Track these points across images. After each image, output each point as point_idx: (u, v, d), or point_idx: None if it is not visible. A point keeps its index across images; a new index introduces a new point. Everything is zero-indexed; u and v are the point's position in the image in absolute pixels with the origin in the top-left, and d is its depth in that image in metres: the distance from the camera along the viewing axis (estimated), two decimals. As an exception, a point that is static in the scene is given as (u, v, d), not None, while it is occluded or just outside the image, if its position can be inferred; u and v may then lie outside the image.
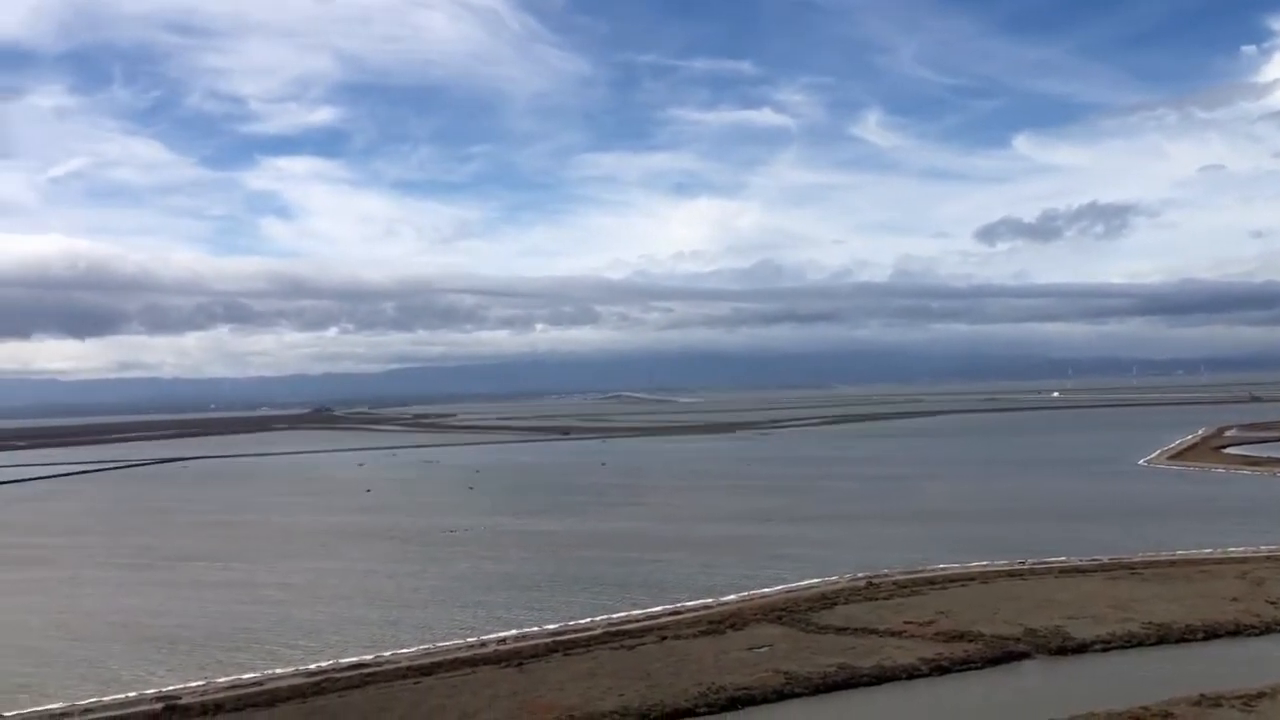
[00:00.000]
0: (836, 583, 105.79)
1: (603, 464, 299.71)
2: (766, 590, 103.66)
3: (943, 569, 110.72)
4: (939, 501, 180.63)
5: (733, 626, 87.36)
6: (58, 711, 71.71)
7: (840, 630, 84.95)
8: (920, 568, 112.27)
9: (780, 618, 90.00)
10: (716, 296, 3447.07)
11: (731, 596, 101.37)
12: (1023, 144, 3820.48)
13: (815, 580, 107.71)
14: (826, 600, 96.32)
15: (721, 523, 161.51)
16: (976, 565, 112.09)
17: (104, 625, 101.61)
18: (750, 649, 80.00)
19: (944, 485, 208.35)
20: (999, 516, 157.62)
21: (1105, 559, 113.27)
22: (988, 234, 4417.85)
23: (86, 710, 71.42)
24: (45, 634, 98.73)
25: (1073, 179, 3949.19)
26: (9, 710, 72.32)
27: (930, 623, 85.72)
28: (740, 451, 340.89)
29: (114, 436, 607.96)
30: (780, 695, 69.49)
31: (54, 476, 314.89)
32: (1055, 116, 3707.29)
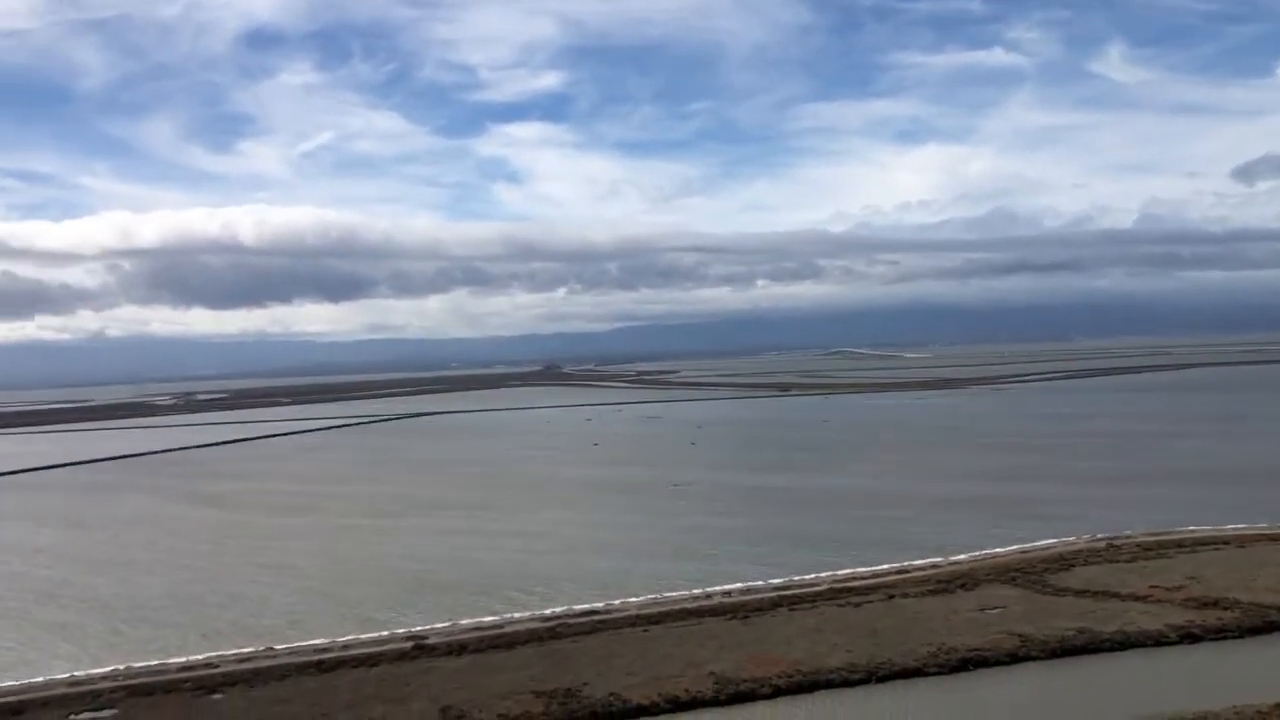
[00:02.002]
0: (1074, 543, 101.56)
1: (825, 420, 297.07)
2: (999, 550, 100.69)
3: (1192, 531, 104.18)
4: (1188, 460, 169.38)
5: (963, 586, 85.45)
6: (320, 646, 78.25)
7: (1079, 593, 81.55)
8: (1167, 529, 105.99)
9: (1014, 579, 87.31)
10: (946, 247, 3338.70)
11: (962, 556, 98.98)
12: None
13: (1051, 540, 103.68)
14: (1063, 561, 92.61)
15: (951, 481, 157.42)
16: (1231, 528, 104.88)
17: (362, 568, 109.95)
18: (982, 610, 78.03)
19: (1195, 443, 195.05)
20: (1258, 477, 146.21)
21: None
22: (1246, 172, 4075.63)
23: (345, 647, 77.57)
24: (313, 575, 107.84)
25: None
26: (279, 644, 79.59)
27: (1179, 588, 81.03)
28: (972, 407, 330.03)
29: (366, 393, 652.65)
30: (1014, 658, 67.27)
31: (315, 430, 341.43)
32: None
